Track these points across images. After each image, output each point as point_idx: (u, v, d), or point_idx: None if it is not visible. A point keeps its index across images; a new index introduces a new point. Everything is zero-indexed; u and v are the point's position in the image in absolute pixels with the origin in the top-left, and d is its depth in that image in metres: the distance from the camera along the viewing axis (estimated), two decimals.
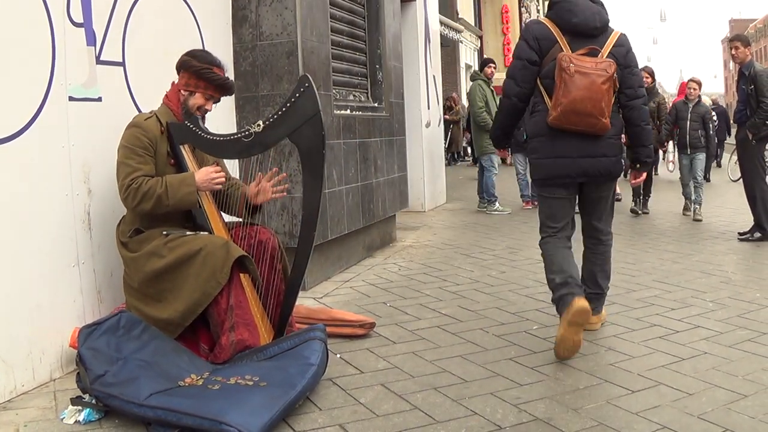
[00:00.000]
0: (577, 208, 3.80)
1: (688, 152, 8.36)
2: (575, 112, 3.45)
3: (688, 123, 8.26)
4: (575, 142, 3.55)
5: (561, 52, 3.50)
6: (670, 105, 9.09)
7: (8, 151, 3.03)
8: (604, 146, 3.59)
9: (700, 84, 8.43)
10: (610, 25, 3.66)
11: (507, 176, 13.45)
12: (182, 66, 3.49)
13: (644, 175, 4.04)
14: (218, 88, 3.51)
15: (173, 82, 3.54)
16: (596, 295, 3.87)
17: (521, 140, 9.20)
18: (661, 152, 12.75)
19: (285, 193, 3.62)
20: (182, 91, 3.48)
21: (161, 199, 3.22)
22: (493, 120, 8.72)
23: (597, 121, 3.48)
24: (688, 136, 8.26)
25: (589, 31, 3.56)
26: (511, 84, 3.66)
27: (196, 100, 3.47)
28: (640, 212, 8.61)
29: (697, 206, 8.23)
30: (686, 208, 8.54)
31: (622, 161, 3.76)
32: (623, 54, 3.62)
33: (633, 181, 4.11)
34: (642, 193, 8.73)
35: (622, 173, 5.40)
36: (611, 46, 3.58)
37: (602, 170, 3.62)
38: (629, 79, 3.64)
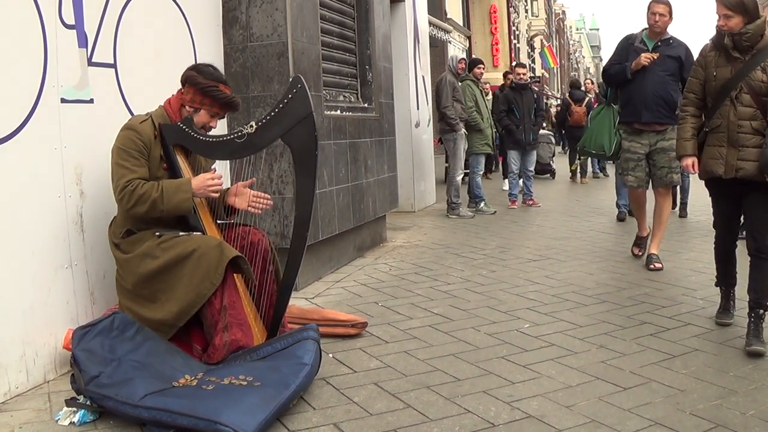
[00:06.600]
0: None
1: None
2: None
3: None
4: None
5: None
6: None
7: (0, 153, 3.02)
8: None
9: None
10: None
11: (494, 176, 13.49)
12: (187, 81, 3.42)
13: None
14: (223, 105, 3.47)
15: (179, 90, 3.47)
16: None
17: (519, 138, 9.27)
18: None
19: (258, 211, 3.57)
20: (187, 107, 3.42)
21: (156, 203, 3.21)
22: (483, 119, 8.81)
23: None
24: None
25: (579, 99, 13.28)
26: (562, 106, 14.30)
27: (201, 117, 3.43)
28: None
29: None
30: None
31: None
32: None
33: None
34: None
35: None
36: (585, 102, 13.03)
37: None
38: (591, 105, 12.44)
